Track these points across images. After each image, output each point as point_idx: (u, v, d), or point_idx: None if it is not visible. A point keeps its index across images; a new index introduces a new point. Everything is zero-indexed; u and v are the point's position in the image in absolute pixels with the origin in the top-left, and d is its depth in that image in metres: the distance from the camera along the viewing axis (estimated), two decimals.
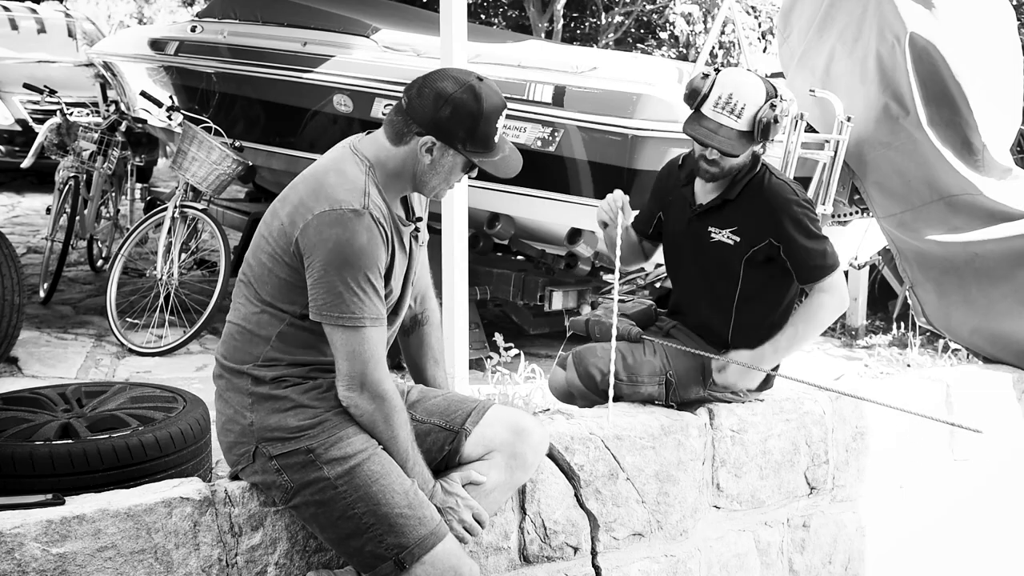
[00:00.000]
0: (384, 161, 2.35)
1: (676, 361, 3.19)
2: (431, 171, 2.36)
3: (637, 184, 4.49)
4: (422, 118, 2.30)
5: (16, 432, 2.58)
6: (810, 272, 3.08)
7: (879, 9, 4.43)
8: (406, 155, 2.34)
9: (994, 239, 4.25)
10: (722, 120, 2.99)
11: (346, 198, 2.26)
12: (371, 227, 2.24)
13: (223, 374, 2.41)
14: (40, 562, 2.12)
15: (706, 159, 3.07)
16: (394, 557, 2.28)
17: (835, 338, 6.11)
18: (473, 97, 2.29)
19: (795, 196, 3.11)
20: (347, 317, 2.24)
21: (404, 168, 2.36)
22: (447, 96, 2.28)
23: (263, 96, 5.81)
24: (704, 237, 3.17)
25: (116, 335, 5.15)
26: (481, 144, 2.33)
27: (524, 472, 2.56)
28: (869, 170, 4.57)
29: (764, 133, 2.99)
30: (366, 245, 2.23)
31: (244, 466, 2.38)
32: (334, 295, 2.23)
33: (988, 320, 4.31)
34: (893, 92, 4.39)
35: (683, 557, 3.12)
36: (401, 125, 2.33)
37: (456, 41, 3.64)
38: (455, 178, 2.41)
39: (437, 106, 2.28)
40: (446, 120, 2.28)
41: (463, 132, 2.30)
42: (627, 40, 11.59)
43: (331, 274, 2.23)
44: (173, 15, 18.47)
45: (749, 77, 3.05)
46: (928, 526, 3.78)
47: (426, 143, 2.31)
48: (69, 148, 6.31)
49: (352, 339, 2.26)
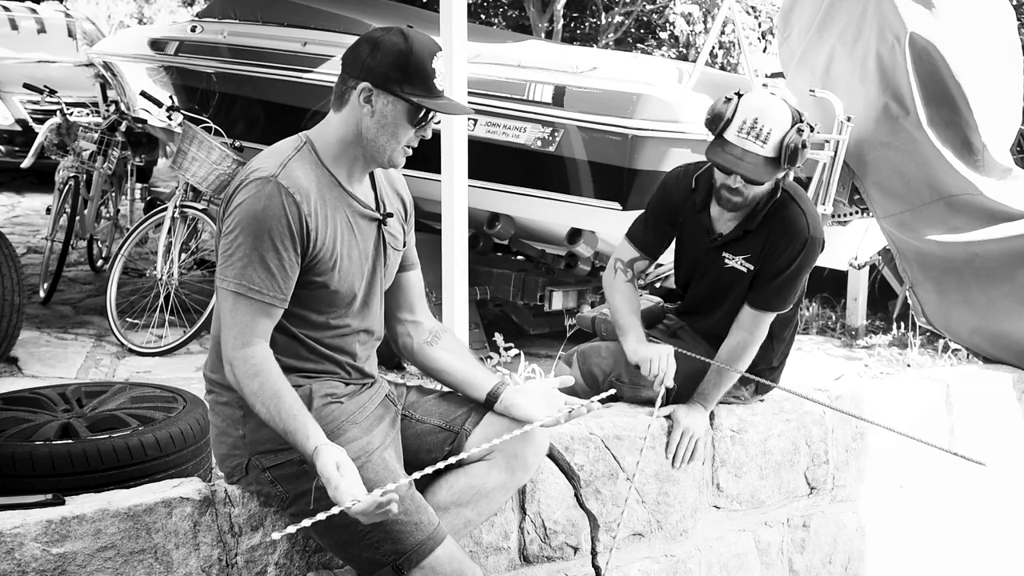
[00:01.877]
0: (325, 133, 2.31)
1: (679, 365, 3.17)
2: (376, 127, 2.26)
3: (637, 184, 4.49)
4: (354, 68, 2.25)
5: (16, 432, 2.58)
6: (762, 299, 3.02)
7: (879, 9, 4.42)
8: (348, 116, 2.27)
9: (994, 239, 4.24)
10: (747, 146, 2.85)
11: (259, 166, 2.23)
12: (273, 195, 2.17)
13: (212, 389, 2.39)
14: (40, 562, 2.12)
15: (728, 188, 2.93)
16: (392, 563, 2.26)
17: (835, 338, 6.11)
18: (401, 37, 2.23)
19: (811, 234, 2.99)
20: (226, 280, 2.18)
21: (348, 131, 2.28)
22: (374, 40, 2.24)
23: (263, 96, 5.81)
24: (719, 261, 3.10)
25: (116, 335, 5.15)
26: (420, 85, 2.23)
27: (525, 472, 2.54)
28: (869, 170, 4.57)
29: (792, 159, 2.85)
30: (260, 212, 2.16)
31: (238, 478, 2.37)
32: (225, 256, 2.19)
33: (988, 320, 4.31)
34: (893, 92, 4.39)
35: (683, 557, 3.12)
36: (339, 86, 2.28)
37: (456, 41, 3.64)
38: (403, 132, 2.27)
39: (366, 52, 2.23)
40: (377, 63, 2.21)
41: (396, 72, 2.21)
42: (627, 40, 11.59)
43: (230, 237, 2.19)
44: (173, 15, 18.47)
45: (774, 101, 2.91)
46: (928, 526, 3.78)
47: (363, 91, 2.23)
48: (69, 148, 6.31)
49: (223, 305, 2.20)
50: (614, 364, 3.15)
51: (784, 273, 3.00)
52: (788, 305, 3.08)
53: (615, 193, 4.60)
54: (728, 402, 3.25)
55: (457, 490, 2.45)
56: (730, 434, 3.20)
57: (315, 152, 2.31)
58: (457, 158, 3.70)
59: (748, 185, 2.90)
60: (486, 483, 2.46)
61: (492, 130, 4.77)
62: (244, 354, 2.19)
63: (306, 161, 2.28)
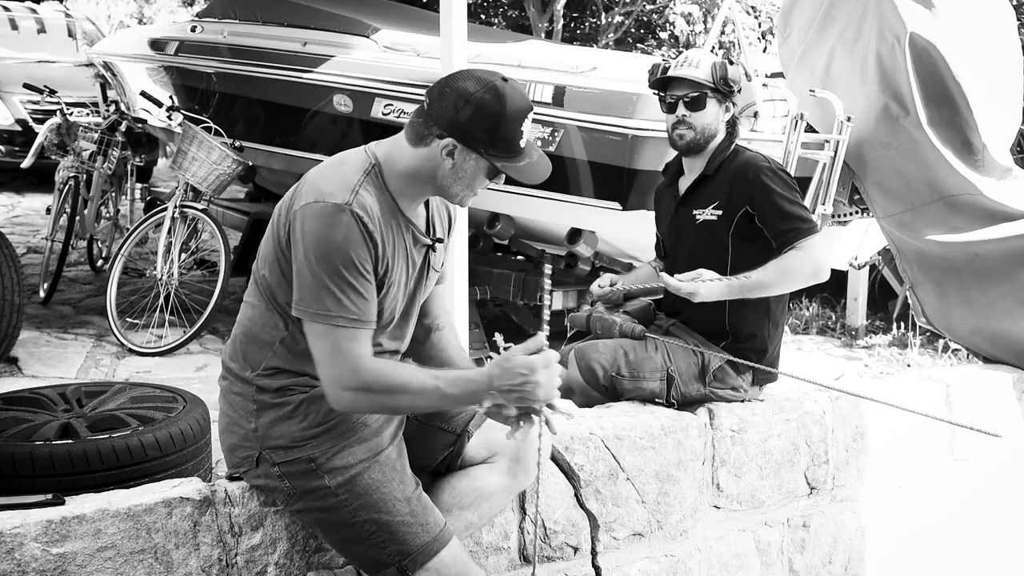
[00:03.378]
0: (396, 160, 2.25)
1: (677, 358, 3.20)
2: (453, 176, 2.23)
3: (637, 184, 4.50)
4: (442, 119, 2.18)
5: (16, 432, 2.58)
6: (784, 235, 3.07)
7: (879, 9, 4.42)
8: (425, 157, 2.23)
9: (994, 239, 4.24)
10: (682, 72, 3.20)
11: (331, 191, 2.18)
12: (350, 225, 2.14)
13: (228, 376, 2.40)
14: (40, 562, 2.12)
15: (678, 123, 3.22)
16: (397, 564, 2.27)
17: (835, 338, 6.11)
18: (495, 98, 2.17)
19: (766, 163, 3.19)
20: (321, 315, 2.15)
21: (421, 170, 2.24)
22: (468, 96, 2.16)
23: (263, 96, 5.82)
24: (690, 222, 3.24)
25: (116, 335, 5.15)
26: (504, 148, 2.20)
27: (526, 476, 2.55)
28: (869, 170, 4.57)
29: (724, 79, 3.17)
30: (341, 242, 2.13)
31: (247, 469, 2.37)
32: (309, 290, 2.16)
33: (988, 320, 4.30)
34: (893, 92, 4.39)
35: (683, 557, 3.12)
36: (421, 127, 2.22)
37: (456, 41, 3.64)
38: (479, 184, 2.27)
39: (457, 107, 2.16)
40: (466, 121, 2.16)
41: (484, 134, 2.18)
42: (627, 40, 11.59)
43: (308, 268, 2.15)
44: (173, 15, 18.47)
45: (702, 51, 3.36)
46: (928, 526, 3.78)
47: (446, 146, 2.19)
48: (69, 148, 6.32)
49: (327, 337, 2.16)
50: (613, 359, 3.16)
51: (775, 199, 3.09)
52: (811, 218, 3.14)
53: (615, 193, 4.60)
54: (728, 400, 3.26)
55: (459, 492, 2.46)
56: (730, 434, 3.20)
57: (381, 177, 2.26)
58: None
59: (692, 114, 3.19)
60: (488, 486, 2.47)
61: None
62: (365, 379, 2.16)
63: (373, 186, 2.23)
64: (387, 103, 5.10)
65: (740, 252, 3.16)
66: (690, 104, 3.19)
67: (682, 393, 3.21)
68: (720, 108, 3.23)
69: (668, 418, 3.11)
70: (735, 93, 3.24)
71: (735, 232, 3.16)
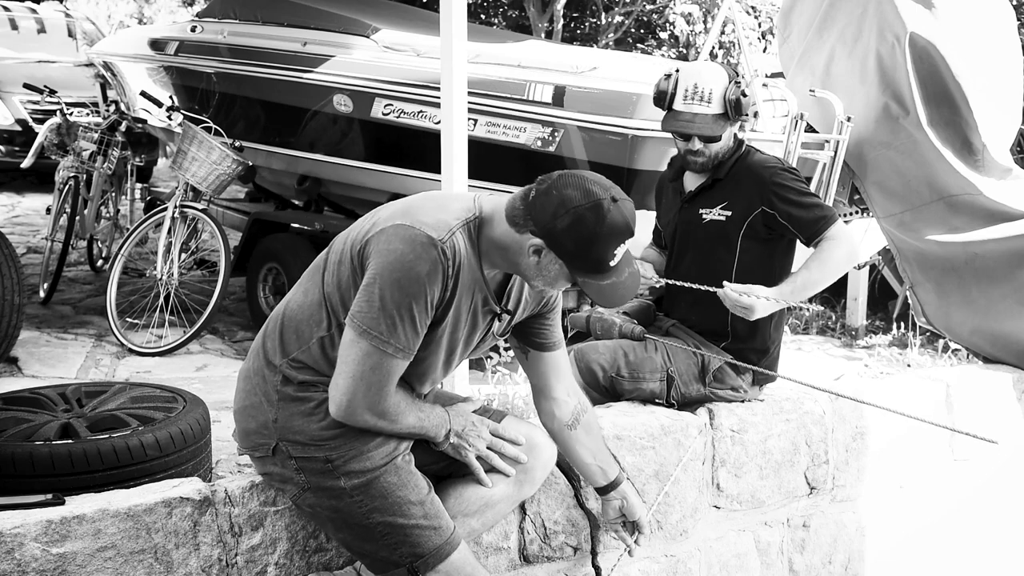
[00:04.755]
0: (494, 226, 2.24)
1: (676, 358, 3.20)
2: (535, 271, 2.24)
3: (637, 184, 4.49)
4: (539, 219, 2.16)
5: (16, 432, 2.58)
6: (813, 228, 3.11)
7: (879, 9, 4.42)
8: (515, 242, 2.22)
9: (994, 239, 4.24)
10: (695, 109, 3.15)
11: (429, 223, 2.16)
12: (436, 261, 2.13)
13: (257, 356, 2.37)
14: (40, 562, 2.12)
15: (691, 151, 3.20)
16: (408, 565, 2.29)
17: (835, 338, 6.10)
18: (596, 216, 2.13)
19: (778, 163, 3.23)
20: (373, 335, 2.14)
21: (509, 250, 2.24)
22: (569, 207, 2.13)
23: (263, 96, 5.81)
24: (696, 221, 3.26)
25: (116, 335, 5.15)
26: (592, 267, 2.19)
27: (531, 487, 2.58)
28: (869, 170, 4.57)
29: (737, 109, 3.14)
30: (423, 275, 2.12)
31: (262, 455, 2.35)
32: (372, 306, 2.15)
33: (988, 320, 4.31)
34: (893, 92, 4.39)
35: (683, 557, 3.12)
36: (520, 214, 2.20)
37: (456, 41, 3.64)
38: (560, 286, 2.29)
39: (556, 214, 2.14)
40: (561, 231, 2.14)
41: (575, 248, 2.15)
42: (627, 40, 11.59)
43: (378, 286, 2.14)
44: (173, 15, 18.48)
45: (707, 65, 3.25)
46: (928, 526, 3.78)
47: (535, 245, 2.18)
48: (69, 148, 6.31)
49: (365, 359, 2.16)
50: (612, 360, 3.17)
51: (796, 197, 3.12)
52: (830, 207, 3.20)
53: None
54: (728, 399, 3.26)
55: (465, 500, 2.47)
56: (730, 434, 3.20)
57: (478, 232, 2.25)
58: (457, 158, 3.69)
59: (707, 144, 3.18)
60: (494, 495, 2.48)
61: (492, 130, 4.77)
62: (385, 407, 2.23)
63: (466, 237, 2.22)
64: (387, 103, 5.10)
65: (747, 253, 3.18)
66: (705, 139, 3.17)
67: (682, 394, 3.22)
68: (733, 128, 3.23)
69: (668, 418, 3.11)
70: (746, 115, 3.23)
71: (746, 233, 3.17)
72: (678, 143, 3.25)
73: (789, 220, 3.13)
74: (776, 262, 3.22)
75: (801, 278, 3.07)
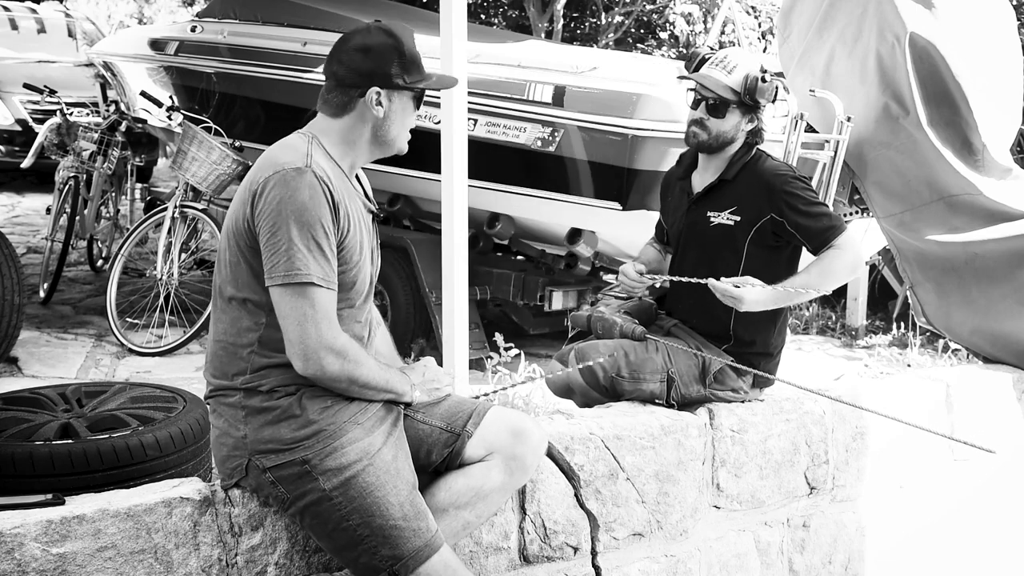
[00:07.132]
0: (328, 133, 2.37)
1: (677, 359, 3.20)
2: (387, 121, 2.37)
3: (637, 184, 4.50)
4: (356, 79, 2.33)
5: (16, 432, 2.59)
6: (820, 238, 3.11)
7: (879, 9, 4.42)
8: (355, 120, 2.36)
9: (994, 239, 4.24)
10: (713, 73, 3.15)
11: (288, 159, 2.25)
12: (313, 184, 2.22)
13: (214, 393, 2.39)
14: (40, 562, 2.12)
15: (695, 122, 3.19)
16: (388, 569, 2.27)
17: (835, 338, 6.11)
18: (385, 35, 2.34)
19: (789, 171, 3.22)
20: (292, 274, 2.19)
21: (353, 134, 2.37)
22: (363, 46, 2.33)
23: (263, 96, 5.82)
24: (703, 223, 3.23)
25: (116, 335, 5.15)
26: (416, 71, 2.36)
27: (523, 474, 2.55)
28: (869, 170, 4.57)
29: (752, 92, 3.12)
30: (308, 201, 2.20)
31: (237, 479, 2.36)
32: (279, 254, 2.20)
33: (988, 320, 4.30)
34: (893, 92, 4.39)
35: (683, 557, 3.12)
36: (339, 97, 2.35)
37: (456, 41, 3.64)
38: (411, 119, 2.42)
39: (359, 59, 2.32)
40: (377, 65, 2.32)
41: (396, 68, 2.33)
42: (627, 40, 11.59)
43: (276, 234, 2.20)
44: (173, 15, 18.47)
45: (747, 51, 3.24)
46: (928, 526, 3.78)
47: (372, 96, 2.33)
48: (69, 148, 6.31)
49: (299, 301, 2.20)
50: (613, 360, 3.16)
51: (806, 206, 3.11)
52: (839, 216, 3.21)
53: (615, 193, 4.60)
54: (728, 400, 3.26)
55: (456, 492, 2.45)
56: (730, 434, 3.20)
57: (323, 147, 2.36)
58: (457, 158, 3.69)
59: (711, 119, 3.16)
60: (485, 485, 2.46)
61: (492, 130, 4.77)
62: (342, 342, 2.26)
63: (320, 153, 2.33)
64: None
65: (753, 258, 3.17)
66: (711, 108, 3.16)
67: (682, 394, 3.21)
68: (742, 119, 3.19)
69: (668, 418, 3.11)
70: (761, 109, 3.21)
71: (753, 239, 3.16)
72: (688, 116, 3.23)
73: (797, 229, 3.12)
74: (781, 268, 3.21)
75: (800, 280, 3.08)
